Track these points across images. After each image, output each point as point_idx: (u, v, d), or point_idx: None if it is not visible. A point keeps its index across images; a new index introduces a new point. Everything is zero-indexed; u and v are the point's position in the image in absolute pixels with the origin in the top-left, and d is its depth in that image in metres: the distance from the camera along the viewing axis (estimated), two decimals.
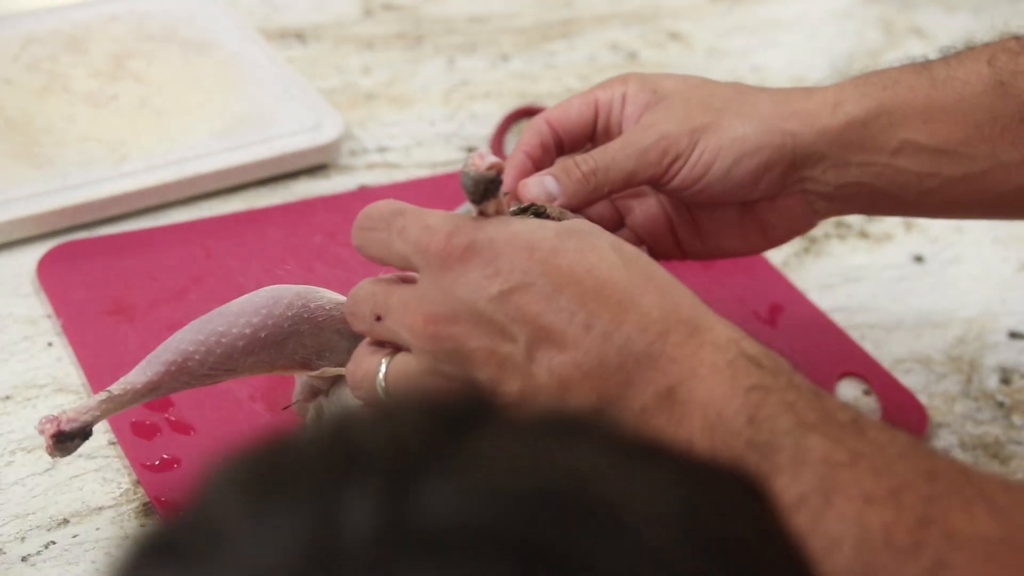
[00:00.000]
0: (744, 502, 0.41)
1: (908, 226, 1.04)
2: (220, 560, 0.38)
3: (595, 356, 0.60)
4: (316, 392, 0.75)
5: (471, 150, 1.06)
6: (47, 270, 0.89)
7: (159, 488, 0.76)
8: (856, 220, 1.04)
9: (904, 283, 1.00)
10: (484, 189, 0.63)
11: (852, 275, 1.00)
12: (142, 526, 0.75)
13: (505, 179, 0.78)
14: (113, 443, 0.79)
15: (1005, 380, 0.92)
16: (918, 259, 1.02)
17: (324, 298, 0.71)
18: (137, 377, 0.70)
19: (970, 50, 0.78)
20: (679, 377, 0.60)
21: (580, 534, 0.37)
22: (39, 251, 0.90)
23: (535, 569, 0.36)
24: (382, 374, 0.65)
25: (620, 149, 0.75)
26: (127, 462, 0.78)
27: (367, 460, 0.38)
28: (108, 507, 0.76)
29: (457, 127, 1.08)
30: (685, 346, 0.60)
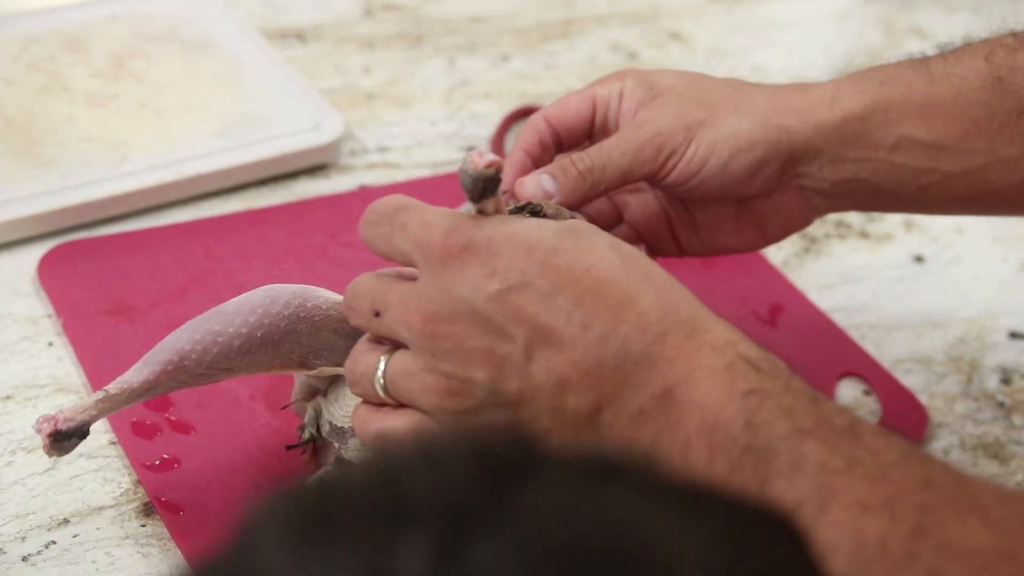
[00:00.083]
0: (786, 549, 0.41)
1: (908, 226, 1.04)
2: None
3: (593, 356, 0.60)
4: (314, 392, 0.75)
5: (471, 150, 1.06)
6: (47, 270, 0.89)
7: (159, 488, 0.76)
8: (856, 220, 1.04)
9: (904, 283, 1.00)
10: (483, 187, 0.63)
11: (852, 275, 1.00)
12: (142, 526, 0.75)
13: (503, 177, 0.78)
14: (114, 443, 0.79)
15: (1005, 380, 0.92)
16: (918, 259, 1.02)
17: (321, 297, 0.71)
18: (134, 376, 0.70)
19: (967, 46, 0.78)
20: (676, 379, 0.59)
21: None
22: (39, 251, 0.90)
23: None
24: (381, 371, 0.64)
25: (616, 147, 0.75)
26: (127, 462, 0.78)
27: (418, 512, 0.38)
28: (108, 507, 0.76)
29: (457, 127, 1.08)
30: (683, 348, 0.60)
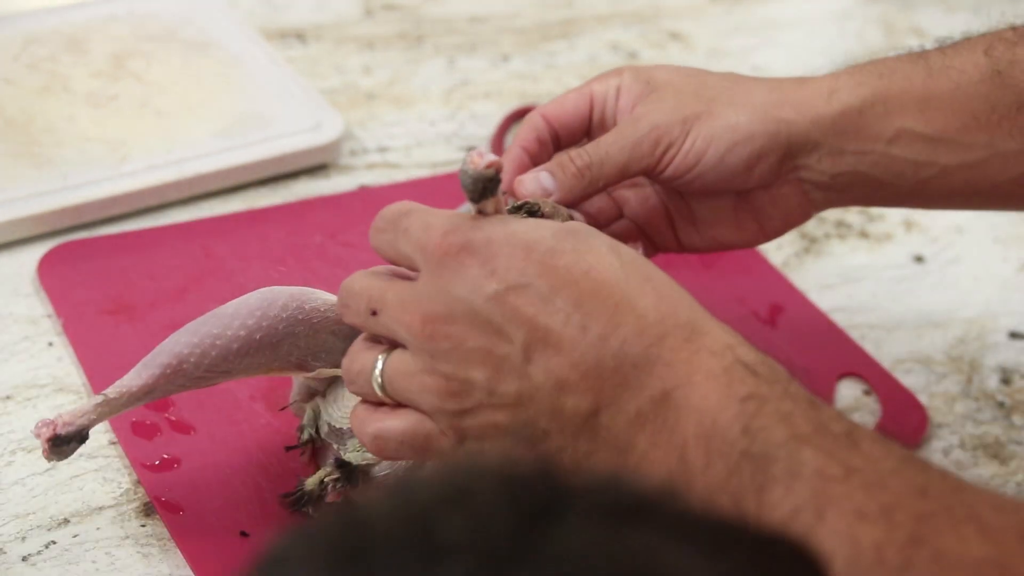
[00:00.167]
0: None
1: (908, 226, 1.04)
2: None
3: (592, 358, 0.60)
4: (313, 393, 0.75)
5: (471, 150, 1.06)
6: (47, 270, 0.89)
7: (159, 488, 0.76)
8: (856, 220, 1.04)
9: (904, 283, 1.00)
10: (483, 188, 0.62)
11: (852, 275, 1.00)
12: (142, 526, 0.75)
13: (504, 176, 0.78)
14: (114, 443, 0.79)
15: (1005, 380, 0.92)
16: (918, 259, 1.02)
17: (319, 299, 0.71)
18: (132, 380, 0.70)
19: (966, 40, 0.78)
20: (674, 382, 0.59)
21: None
22: (39, 251, 0.90)
23: None
24: (379, 370, 0.64)
25: (613, 142, 0.75)
26: (127, 462, 0.78)
27: (450, 552, 0.38)
28: (108, 507, 0.76)
29: (457, 127, 1.08)
30: (681, 351, 0.60)
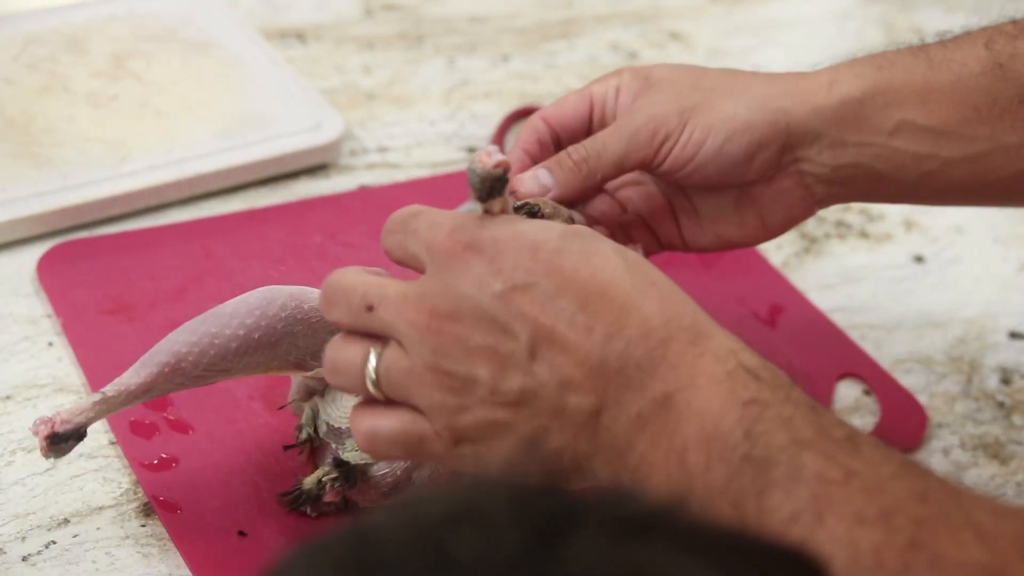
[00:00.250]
0: None
1: (908, 226, 1.04)
2: None
3: (596, 358, 0.60)
4: (311, 392, 0.75)
5: (471, 150, 1.06)
6: (46, 269, 0.89)
7: (157, 487, 0.76)
8: (856, 220, 1.04)
9: (904, 283, 1.00)
10: (490, 187, 0.63)
11: (852, 275, 1.00)
12: (142, 526, 0.75)
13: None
14: (113, 443, 0.79)
15: (1005, 380, 0.92)
16: (918, 259, 1.02)
17: (317, 299, 0.71)
18: (131, 378, 0.70)
19: (967, 34, 0.78)
20: (677, 385, 0.59)
21: None
22: (40, 251, 0.90)
23: None
24: (372, 365, 0.63)
25: (610, 134, 0.75)
26: (127, 462, 0.78)
27: (463, 571, 0.38)
28: (109, 507, 0.76)
29: (457, 127, 1.08)
30: (685, 354, 0.60)
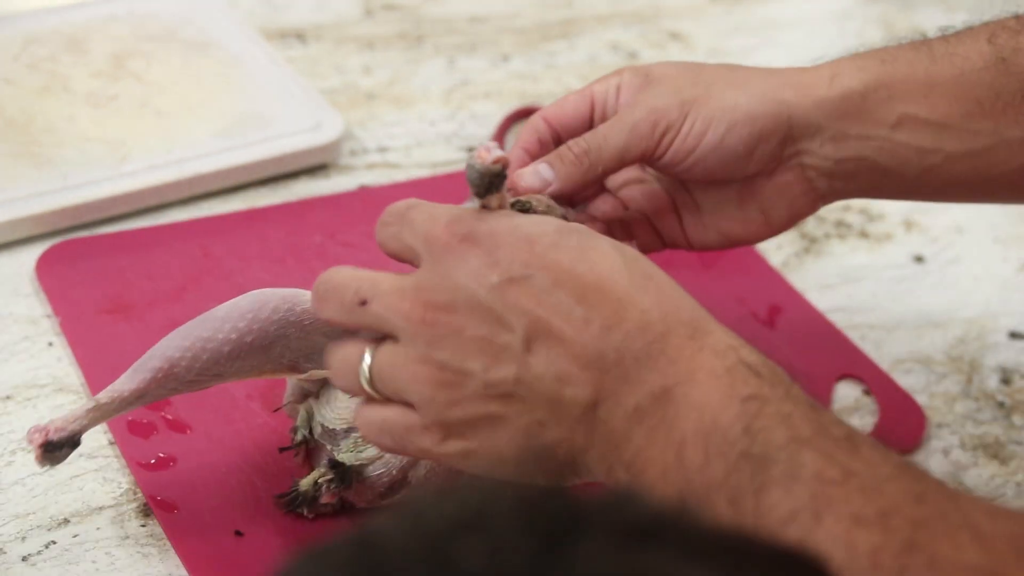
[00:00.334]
0: None
1: (908, 226, 1.04)
2: None
3: (594, 351, 0.60)
4: (306, 394, 0.75)
5: (471, 150, 1.06)
6: (45, 269, 0.89)
7: (154, 487, 0.76)
8: (856, 220, 1.04)
9: (904, 283, 1.00)
10: (489, 183, 0.63)
11: (852, 275, 1.00)
12: (142, 526, 0.75)
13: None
14: (113, 443, 0.79)
15: (1005, 380, 0.92)
16: (918, 259, 1.02)
17: (310, 301, 0.71)
18: (124, 385, 0.70)
19: (969, 29, 0.77)
20: (676, 379, 0.59)
21: None
22: (40, 251, 0.90)
23: None
24: (366, 364, 0.63)
25: (611, 127, 0.75)
26: (125, 461, 0.78)
27: None
28: (108, 507, 0.76)
29: (457, 127, 1.08)
30: (685, 348, 0.60)
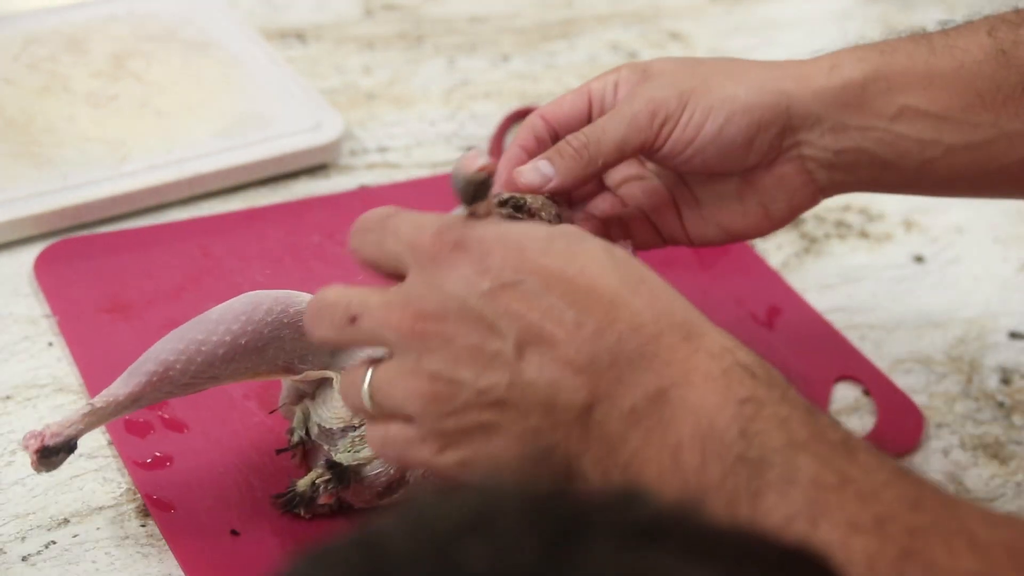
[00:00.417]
0: None
1: (908, 226, 1.04)
2: None
3: (586, 354, 0.59)
4: (302, 395, 0.75)
5: (471, 150, 1.06)
6: (43, 268, 0.89)
7: (151, 486, 0.76)
8: (856, 220, 1.04)
9: (904, 283, 1.00)
10: (475, 191, 0.63)
11: (852, 275, 1.00)
12: (142, 526, 0.75)
13: (501, 174, 0.78)
14: (112, 443, 0.79)
15: (1005, 380, 0.92)
16: (918, 259, 1.02)
17: (303, 302, 0.71)
18: (119, 389, 0.70)
19: (969, 23, 0.77)
20: (672, 380, 0.59)
21: None
22: (39, 251, 0.90)
23: None
24: (366, 383, 0.63)
25: (609, 119, 0.75)
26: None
27: None
28: (108, 507, 0.76)
29: (457, 127, 1.08)
30: (679, 350, 0.59)
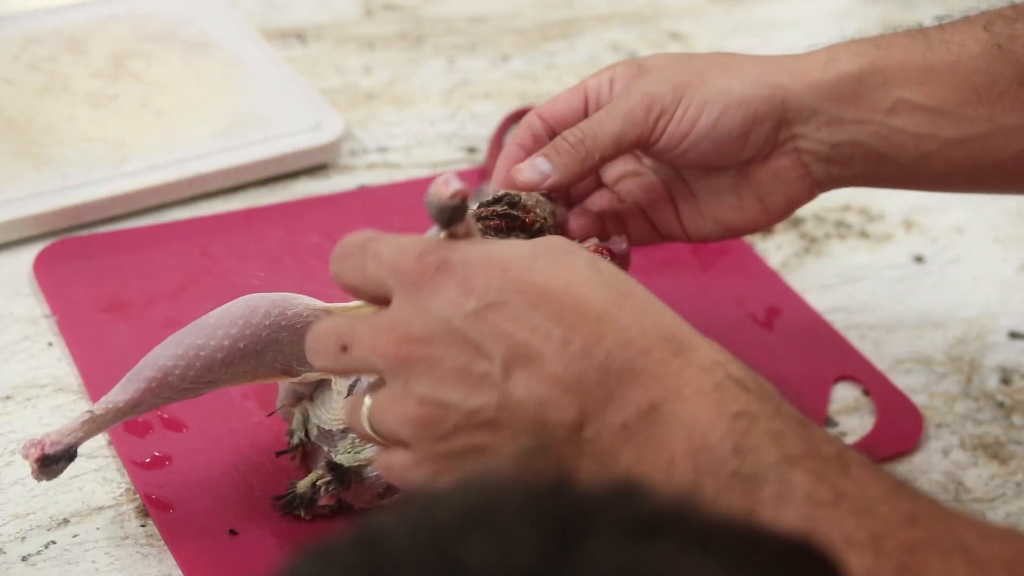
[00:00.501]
0: None
1: (908, 226, 1.04)
2: None
3: (574, 372, 0.58)
4: (300, 397, 0.75)
5: (471, 150, 1.06)
6: (43, 268, 0.89)
7: (150, 485, 0.76)
8: (856, 220, 1.04)
9: (904, 283, 1.00)
10: (449, 217, 0.61)
11: (852, 275, 1.00)
12: (142, 526, 0.75)
13: (499, 172, 0.78)
14: (112, 443, 0.79)
15: (1005, 380, 0.92)
16: (918, 259, 1.02)
17: (301, 304, 0.71)
18: (118, 395, 0.70)
19: (965, 18, 0.78)
20: (663, 396, 0.58)
21: None
22: (39, 251, 0.90)
23: None
24: (366, 407, 0.63)
25: (605, 113, 0.76)
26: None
27: None
28: (108, 507, 0.76)
29: (457, 127, 1.08)
30: (670, 364, 0.59)
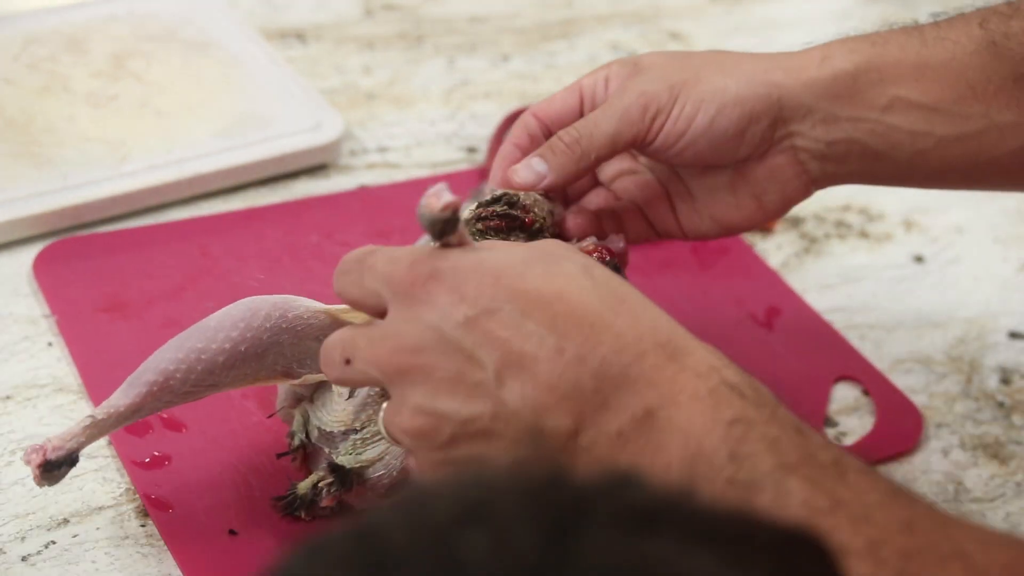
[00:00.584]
0: (820, 569, 0.42)
1: (908, 226, 1.04)
2: None
3: (569, 379, 0.58)
4: (300, 399, 0.75)
5: (471, 150, 1.06)
6: (42, 267, 0.89)
7: (149, 485, 0.76)
8: (856, 220, 1.04)
9: (904, 283, 1.00)
10: (441, 228, 0.61)
11: (852, 275, 1.00)
12: (142, 526, 0.75)
13: (495, 173, 0.78)
14: (112, 442, 0.79)
15: (1005, 380, 0.92)
16: (918, 259, 1.02)
17: (301, 307, 0.71)
18: (120, 400, 0.70)
19: (961, 15, 0.78)
20: (658, 402, 0.58)
21: None
22: (39, 251, 0.90)
23: None
24: (382, 414, 0.63)
25: (601, 112, 0.76)
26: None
27: (477, 572, 0.37)
28: (108, 507, 0.76)
29: (457, 127, 1.08)
30: (664, 370, 0.59)
